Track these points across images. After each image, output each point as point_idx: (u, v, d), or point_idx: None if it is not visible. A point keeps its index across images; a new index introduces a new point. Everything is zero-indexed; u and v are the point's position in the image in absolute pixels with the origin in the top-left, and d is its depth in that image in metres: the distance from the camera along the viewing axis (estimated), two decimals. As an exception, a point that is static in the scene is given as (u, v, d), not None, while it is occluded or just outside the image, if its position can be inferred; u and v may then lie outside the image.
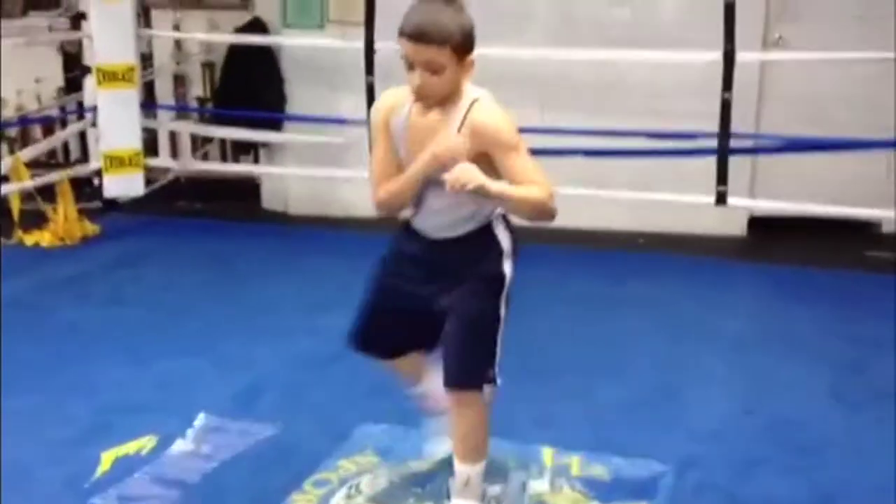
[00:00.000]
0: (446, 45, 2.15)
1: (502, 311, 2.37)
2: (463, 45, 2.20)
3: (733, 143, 4.66)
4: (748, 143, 5.02)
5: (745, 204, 5.03)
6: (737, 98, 4.60)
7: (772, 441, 2.95)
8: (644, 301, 4.29)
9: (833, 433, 3.01)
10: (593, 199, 5.03)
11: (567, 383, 3.37)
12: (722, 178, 4.65)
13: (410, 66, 2.17)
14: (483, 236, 2.35)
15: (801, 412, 3.16)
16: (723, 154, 4.64)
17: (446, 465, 2.71)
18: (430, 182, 2.25)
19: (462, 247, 2.34)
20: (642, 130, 4.82)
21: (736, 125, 4.66)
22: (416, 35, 2.15)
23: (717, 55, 4.54)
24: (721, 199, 4.68)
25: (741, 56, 4.54)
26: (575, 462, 2.79)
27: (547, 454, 2.83)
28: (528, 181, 2.21)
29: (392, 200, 2.32)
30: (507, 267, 2.38)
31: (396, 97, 2.32)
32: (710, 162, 4.70)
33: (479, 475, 2.42)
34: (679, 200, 4.86)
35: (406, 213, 2.38)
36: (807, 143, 4.78)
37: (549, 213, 2.27)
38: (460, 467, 2.41)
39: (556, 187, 2.08)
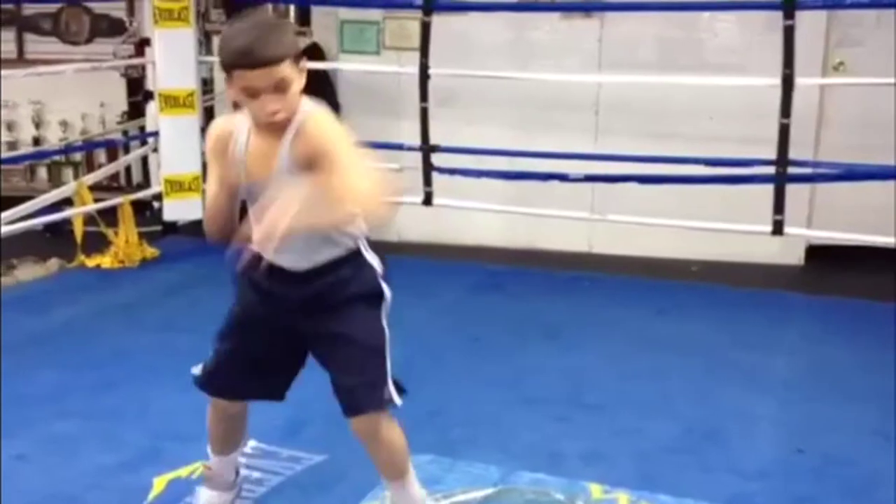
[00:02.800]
0: (287, 59, 2.06)
1: (386, 330, 2.36)
2: (297, 51, 2.13)
3: (791, 171, 4.58)
4: (806, 171, 4.94)
5: (802, 233, 4.94)
6: (795, 124, 4.53)
7: (821, 480, 2.89)
8: (694, 334, 4.23)
9: (884, 472, 2.93)
10: (647, 227, 4.99)
11: (614, 419, 3.33)
12: (779, 207, 4.57)
13: (253, 95, 2.06)
14: (351, 260, 2.29)
15: (852, 451, 3.09)
16: (780, 182, 4.56)
17: (493, 497, 2.71)
18: None
19: (330, 274, 2.26)
20: (698, 157, 4.76)
21: (794, 152, 4.58)
22: (256, 61, 2.02)
23: (775, 80, 4.47)
24: (778, 228, 4.59)
25: (800, 81, 4.47)
26: (623, 499, 2.75)
27: (595, 490, 2.80)
28: (341, 190, 2.08)
29: (207, 226, 2.26)
30: (384, 285, 2.37)
31: (232, 124, 2.21)
32: (767, 189, 4.63)
33: (412, 481, 2.46)
34: (734, 229, 4.79)
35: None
36: (867, 170, 4.67)
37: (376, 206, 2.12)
38: (395, 486, 2.45)
39: (609, 215, 2.05)
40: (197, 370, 2.44)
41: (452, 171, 5.09)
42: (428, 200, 5.20)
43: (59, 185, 6.07)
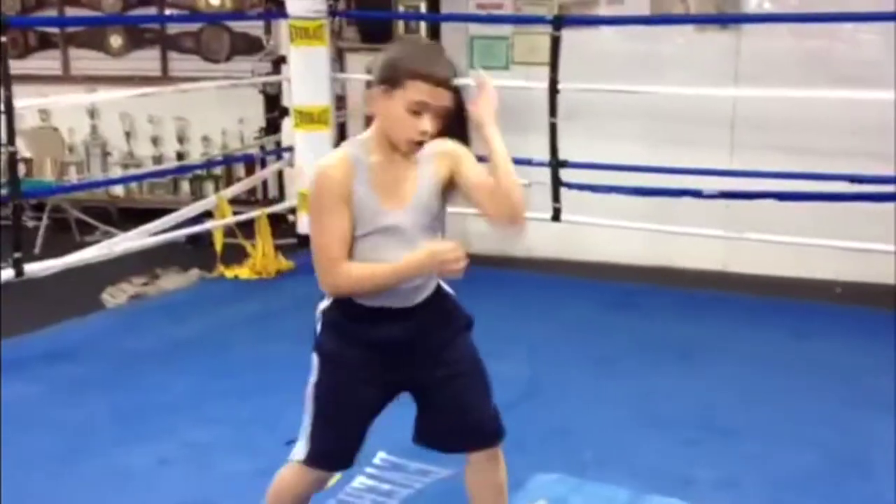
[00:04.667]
0: (455, 88, 2.07)
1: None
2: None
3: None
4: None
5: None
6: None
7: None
8: (834, 359, 4.08)
9: None
10: (785, 246, 4.83)
11: (748, 445, 3.23)
12: (928, 225, 4.36)
13: (417, 112, 2.02)
14: (441, 290, 2.24)
15: None
16: (931, 200, 4.34)
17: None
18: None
19: (434, 306, 2.20)
20: (841, 174, 4.58)
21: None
22: (443, 80, 2.03)
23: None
24: (927, 248, 4.37)
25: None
26: (758, 528, 2.66)
27: (728, 517, 2.72)
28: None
29: (360, 287, 2.08)
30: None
31: (345, 162, 2.08)
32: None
33: None
34: (880, 249, 4.58)
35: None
36: None
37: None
38: None
39: (746, 233, 1.97)
40: (300, 452, 2.25)
41: (581, 187, 5.05)
42: (556, 216, 5.16)
43: (200, 198, 6.32)
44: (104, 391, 3.74)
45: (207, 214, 5.50)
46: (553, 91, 4.99)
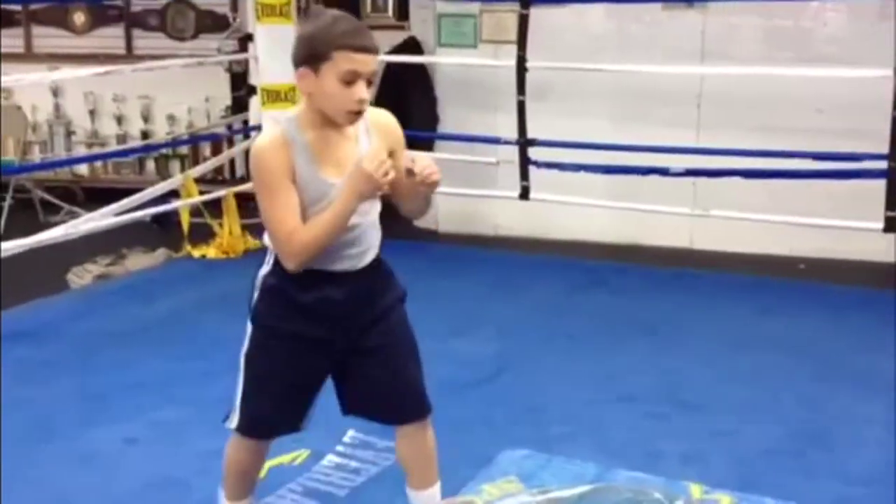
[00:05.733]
0: (377, 51, 2.08)
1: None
2: None
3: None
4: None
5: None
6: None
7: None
8: (799, 334, 4.12)
9: None
10: (751, 223, 4.87)
11: (714, 420, 3.27)
12: (891, 203, 4.40)
13: (351, 81, 2.02)
14: (382, 261, 2.26)
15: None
16: (892, 177, 4.39)
17: (590, 494, 2.69)
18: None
19: (375, 274, 2.22)
20: (806, 151, 4.62)
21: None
22: (369, 46, 2.03)
23: (888, 71, 4.30)
24: (890, 225, 4.42)
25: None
26: (725, 500, 2.69)
27: (695, 490, 2.75)
28: None
29: (318, 245, 2.06)
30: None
31: (282, 139, 2.07)
32: (878, 184, 4.46)
33: None
34: (843, 226, 4.64)
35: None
36: None
37: None
38: (434, 490, 2.39)
39: (712, 210, 1.98)
40: (234, 421, 2.27)
41: (550, 165, 5.06)
42: (525, 195, 5.18)
43: (166, 177, 6.27)
44: (70, 372, 3.71)
45: (174, 194, 5.46)
46: (521, 69, 4.99)
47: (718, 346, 3.98)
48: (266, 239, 2.18)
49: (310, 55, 2.03)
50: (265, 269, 2.21)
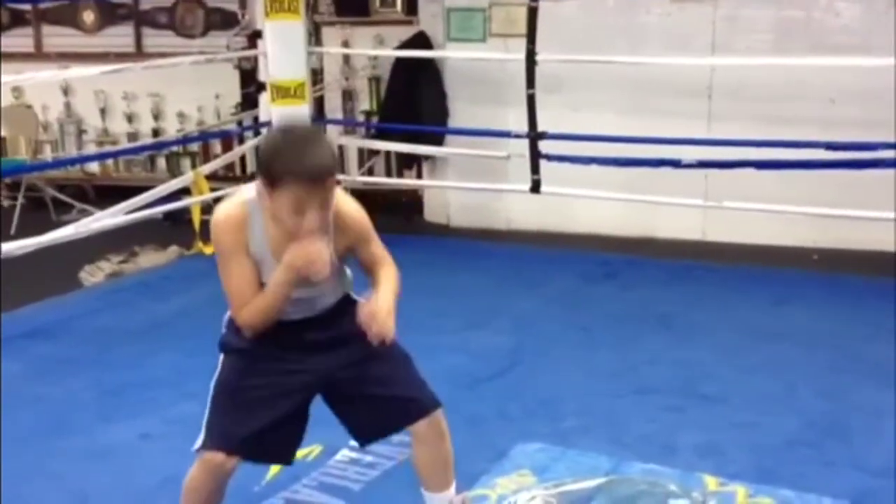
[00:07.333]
0: (335, 174, 2.03)
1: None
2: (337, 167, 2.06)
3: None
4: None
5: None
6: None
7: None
8: (814, 325, 4.11)
9: None
10: (763, 214, 4.85)
11: (731, 412, 3.25)
12: (905, 192, 4.39)
13: (298, 210, 1.96)
14: (349, 298, 2.25)
15: None
16: (906, 166, 4.37)
17: (604, 486, 2.68)
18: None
19: (340, 310, 2.22)
20: (818, 141, 4.60)
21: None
22: (319, 171, 1.95)
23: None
24: (904, 214, 4.41)
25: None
26: (741, 492, 2.68)
27: (711, 482, 2.74)
28: (386, 263, 2.22)
29: (265, 319, 2.10)
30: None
31: (242, 214, 2.07)
32: (891, 174, 4.44)
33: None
34: (857, 216, 4.61)
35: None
36: None
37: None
38: (450, 493, 2.37)
39: (724, 202, 1.99)
40: (199, 441, 2.24)
41: (560, 159, 5.04)
42: (536, 188, 5.16)
43: (177, 174, 6.28)
44: (84, 369, 3.72)
45: (185, 191, 5.45)
46: (531, 62, 4.98)
47: (733, 338, 3.96)
48: None
49: (265, 175, 1.99)
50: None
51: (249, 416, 2.19)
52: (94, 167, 7.10)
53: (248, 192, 2.11)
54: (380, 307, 2.08)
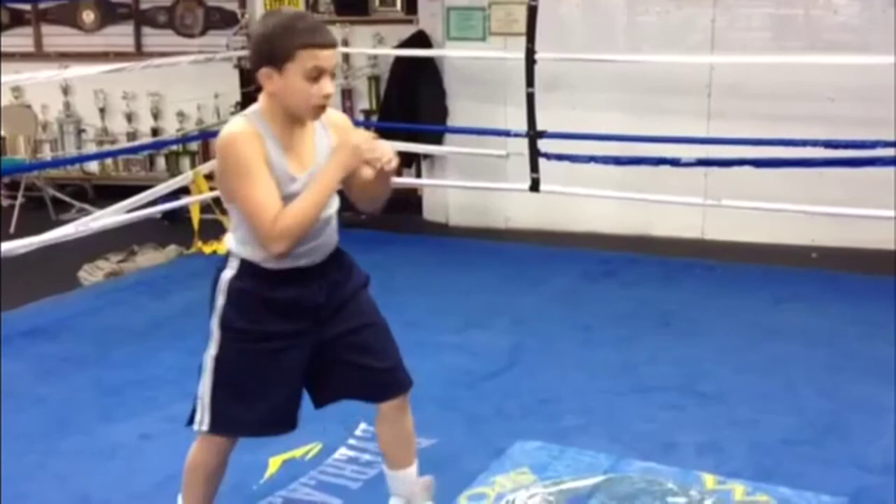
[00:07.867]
0: (336, 45, 2.14)
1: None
2: None
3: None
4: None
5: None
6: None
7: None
8: (813, 323, 4.11)
9: None
10: (762, 213, 4.85)
11: (730, 410, 3.26)
12: (904, 190, 4.39)
13: (316, 78, 2.04)
14: (342, 252, 2.28)
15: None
16: (905, 164, 4.37)
17: (603, 485, 2.69)
18: None
19: (338, 264, 2.25)
20: (817, 140, 4.60)
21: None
22: (330, 41, 2.07)
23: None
24: (903, 212, 4.41)
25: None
26: (739, 490, 2.69)
27: (709, 480, 2.74)
28: None
29: (304, 224, 2.06)
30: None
31: (252, 127, 2.09)
32: (891, 172, 4.44)
33: None
34: (856, 214, 4.61)
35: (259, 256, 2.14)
36: None
37: None
38: (413, 469, 2.41)
39: (723, 200, 1.99)
40: (204, 423, 2.24)
41: (560, 157, 5.05)
42: (535, 187, 5.17)
43: (176, 174, 6.28)
44: (85, 368, 3.72)
45: (184, 190, 5.46)
46: (530, 61, 4.98)
47: (733, 336, 3.97)
48: (230, 241, 2.20)
49: (272, 55, 2.05)
50: (229, 272, 2.19)
51: (257, 401, 2.21)
52: (93, 166, 7.10)
53: (241, 117, 2.14)
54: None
